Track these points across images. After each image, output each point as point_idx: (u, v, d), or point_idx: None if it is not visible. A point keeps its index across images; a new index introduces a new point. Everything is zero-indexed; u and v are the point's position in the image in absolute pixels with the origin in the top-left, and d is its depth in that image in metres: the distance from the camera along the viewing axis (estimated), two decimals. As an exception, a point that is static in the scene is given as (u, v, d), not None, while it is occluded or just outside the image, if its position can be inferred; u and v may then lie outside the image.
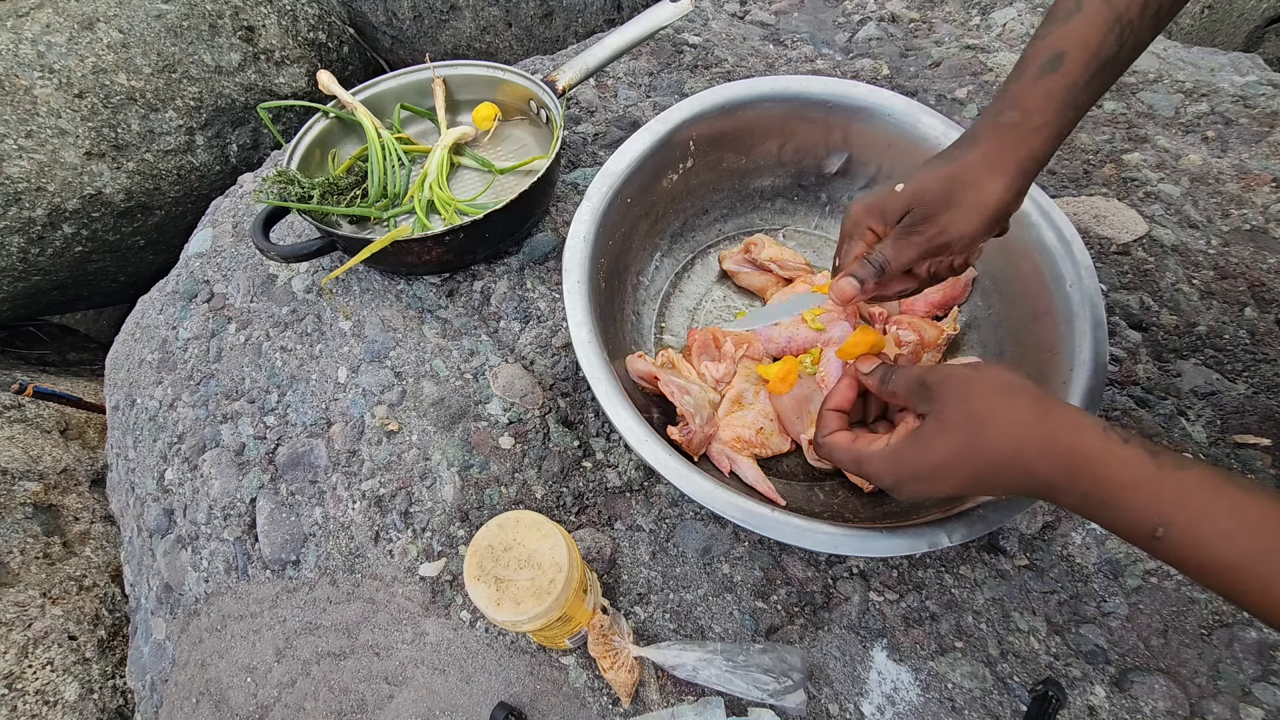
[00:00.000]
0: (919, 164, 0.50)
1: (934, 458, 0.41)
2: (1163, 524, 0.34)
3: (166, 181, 1.23)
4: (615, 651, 0.55)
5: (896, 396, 0.46)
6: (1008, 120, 0.46)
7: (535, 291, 0.81)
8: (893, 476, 0.43)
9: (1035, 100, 0.46)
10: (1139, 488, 0.35)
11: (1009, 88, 0.47)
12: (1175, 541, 0.34)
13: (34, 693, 0.80)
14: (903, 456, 0.43)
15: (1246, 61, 1.03)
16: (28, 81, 1.08)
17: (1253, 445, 0.66)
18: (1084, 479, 0.37)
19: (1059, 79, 0.45)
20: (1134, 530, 0.36)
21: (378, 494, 0.69)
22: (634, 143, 0.67)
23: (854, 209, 0.52)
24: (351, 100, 0.86)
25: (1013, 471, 0.39)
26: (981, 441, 0.39)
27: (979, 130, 0.48)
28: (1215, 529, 0.33)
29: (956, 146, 0.49)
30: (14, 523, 0.91)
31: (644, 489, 0.68)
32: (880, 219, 0.50)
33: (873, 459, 0.45)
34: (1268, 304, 0.76)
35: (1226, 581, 0.33)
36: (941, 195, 0.47)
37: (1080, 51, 0.45)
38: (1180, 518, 0.34)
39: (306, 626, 0.66)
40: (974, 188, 0.47)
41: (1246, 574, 0.32)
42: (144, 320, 0.93)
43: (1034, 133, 0.46)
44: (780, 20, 1.21)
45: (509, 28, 1.55)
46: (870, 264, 0.49)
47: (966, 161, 0.47)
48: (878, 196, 0.50)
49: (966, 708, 0.56)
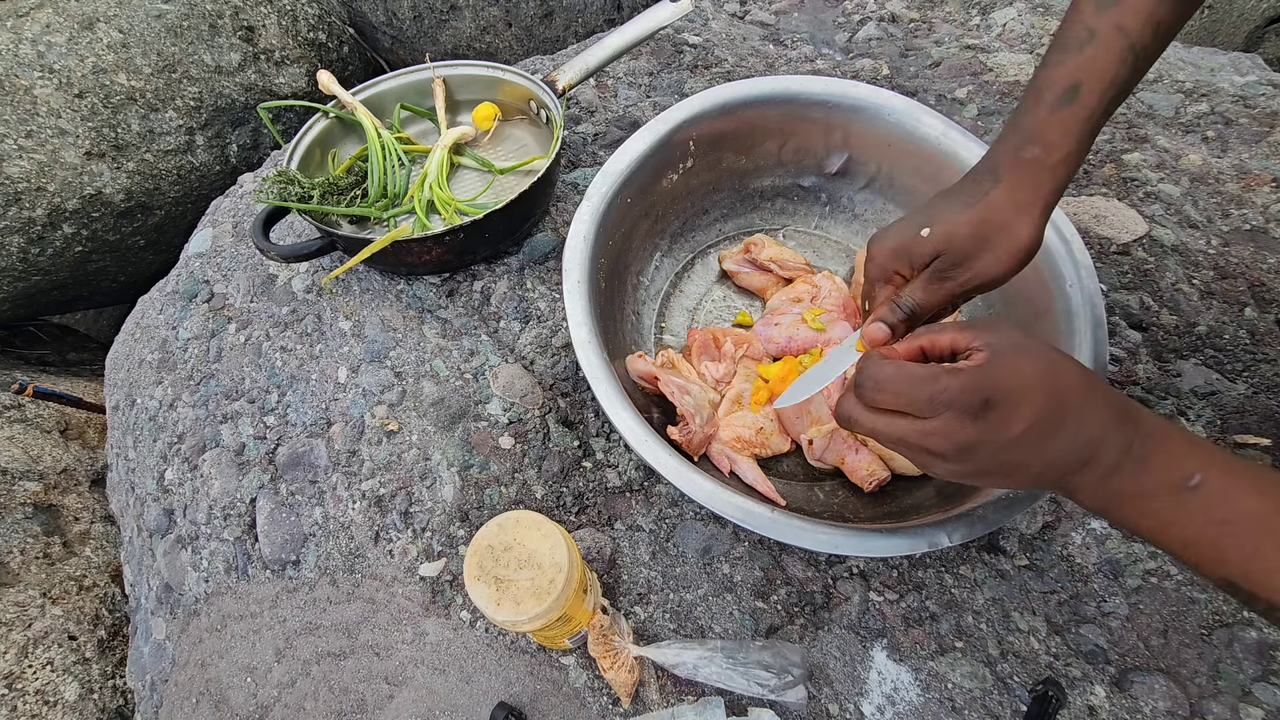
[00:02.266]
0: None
1: (1023, 371, 0.38)
2: (1200, 470, 0.35)
3: (166, 181, 1.23)
4: (615, 651, 0.55)
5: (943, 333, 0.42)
6: (1030, 156, 0.46)
7: (535, 291, 0.81)
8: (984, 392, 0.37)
9: (1055, 134, 0.45)
10: (1177, 438, 0.37)
11: (1025, 119, 0.47)
12: (1210, 489, 0.35)
13: (34, 693, 0.80)
14: (994, 368, 0.38)
15: (1246, 61, 1.03)
16: (28, 81, 1.08)
17: (1253, 445, 0.66)
18: (1130, 426, 0.37)
19: (1077, 111, 0.45)
20: (1169, 479, 0.36)
21: (378, 494, 0.69)
22: (634, 143, 0.67)
23: (879, 253, 0.51)
24: (351, 100, 0.86)
25: (1080, 404, 0.37)
26: (1057, 367, 0.39)
27: (1000, 165, 0.47)
28: (1245, 481, 0.35)
29: (977, 183, 0.48)
30: (14, 523, 0.91)
31: (644, 489, 0.68)
32: (907, 263, 0.50)
33: (961, 372, 0.38)
34: (1268, 304, 0.76)
35: (1254, 535, 0.34)
36: (973, 240, 0.47)
37: (1096, 82, 0.45)
38: (1215, 466, 0.35)
39: (306, 626, 0.66)
40: (1004, 231, 0.46)
41: (1269, 526, 0.34)
42: (144, 320, 0.93)
43: (1056, 168, 0.46)
44: (780, 20, 1.21)
45: (509, 28, 1.55)
46: (900, 309, 0.49)
47: (993, 202, 0.46)
48: (903, 240, 0.49)
49: (966, 708, 0.56)
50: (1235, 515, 0.34)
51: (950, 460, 0.40)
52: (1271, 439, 0.66)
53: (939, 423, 0.39)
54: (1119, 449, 0.37)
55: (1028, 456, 0.38)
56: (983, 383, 0.38)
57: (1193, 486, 0.35)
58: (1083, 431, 0.37)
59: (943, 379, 0.38)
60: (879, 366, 0.41)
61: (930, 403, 0.39)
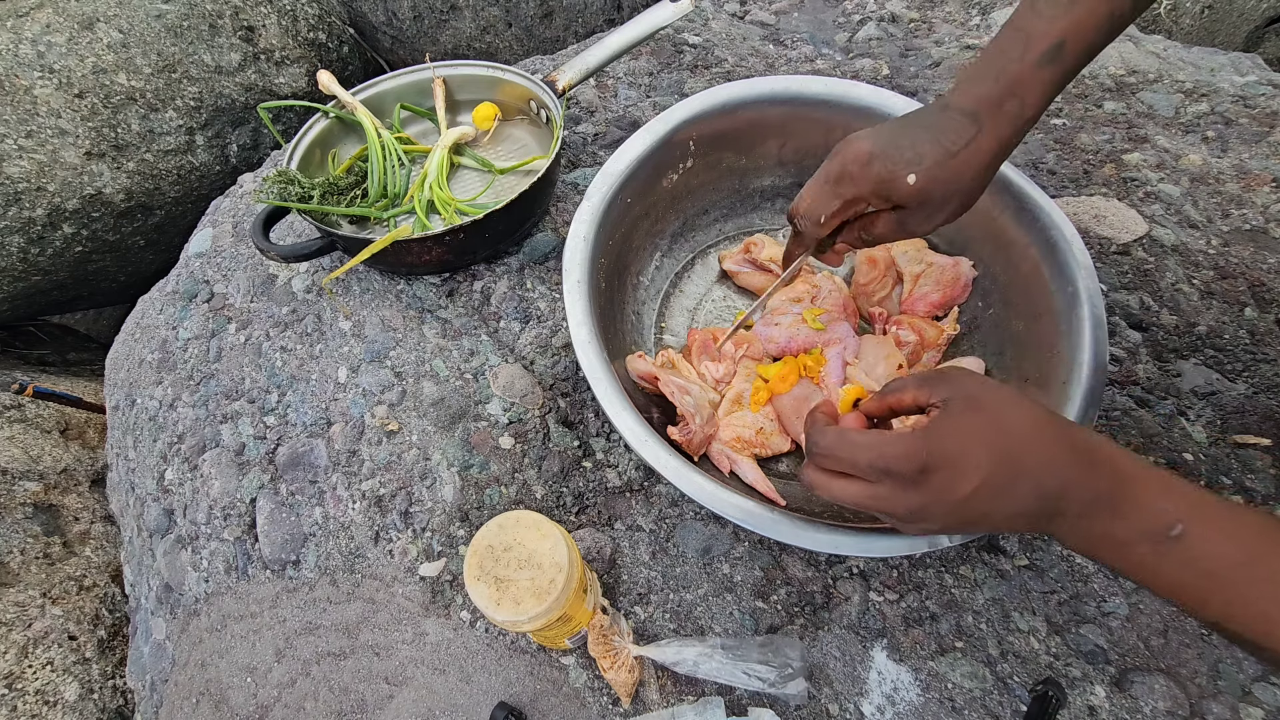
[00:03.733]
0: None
1: (968, 427, 0.38)
2: (1181, 520, 0.34)
3: (166, 181, 1.23)
4: (615, 651, 0.55)
5: (905, 391, 0.43)
6: (1010, 109, 0.46)
7: (535, 291, 0.81)
8: (919, 460, 0.37)
9: (1035, 91, 0.45)
10: (1153, 483, 0.35)
11: (1010, 68, 0.46)
12: (1192, 540, 0.34)
13: (34, 693, 0.80)
14: (935, 431, 0.38)
15: (1246, 61, 1.03)
16: (28, 81, 1.08)
17: (1253, 445, 0.66)
18: (1103, 472, 0.36)
19: (1057, 70, 0.45)
20: (1150, 528, 0.35)
21: (378, 494, 0.69)
22: (634, 143, 0.67)
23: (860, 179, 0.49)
24: (351, 100, 0.86)
25: (1035, 457, 0.37)
26: (1009, 419, 0.38)
27: (981, 112, 0.46)
28: (1227, 528, 0.33)
29: (958, 126, 0.46)
30: (14, 523, 0.91)
31: (644, 489, 0.68)
32: (881, 198, 0.49)
33: (900, 439, 0.39)
34: (1268, 304, 0.76)
35: (1238, 584, 0.33)
36: (948, 187, 0.47)
37: (1077, 43, 0.44)
38: (1195, 514, 0.34)
39: (306, 626, 0.66)
40: (974, 182, 0.47)
41: (1247, 576, 0.33)
42: (144, 320, 0.93)
43: (1027, 124, 0.46)
44: (780, 20, 1.21)
45: (509, 28, 1.55)
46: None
47: (976, 150, 0.46)
48: (885, 178, 0.48)
49: (966, 708, 0.56)
50: (1219, 567, 0.33)
51: (909, 521, 0.40)
52: (1271, 439, 0.66)
53: (885, 489, 0.39)
54: (1088, 498, 0.36)
55: (985, 512, 0.38)
56: (919, 450, 0.38)
57: (1174, 537, 0.34)
58: (1044, 484, 0.37)
59: (879, 446, 0.39)
60: (822, 434, 0.42)
61: (871, 469, 0.39)
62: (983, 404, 0.38)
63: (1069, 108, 0.98)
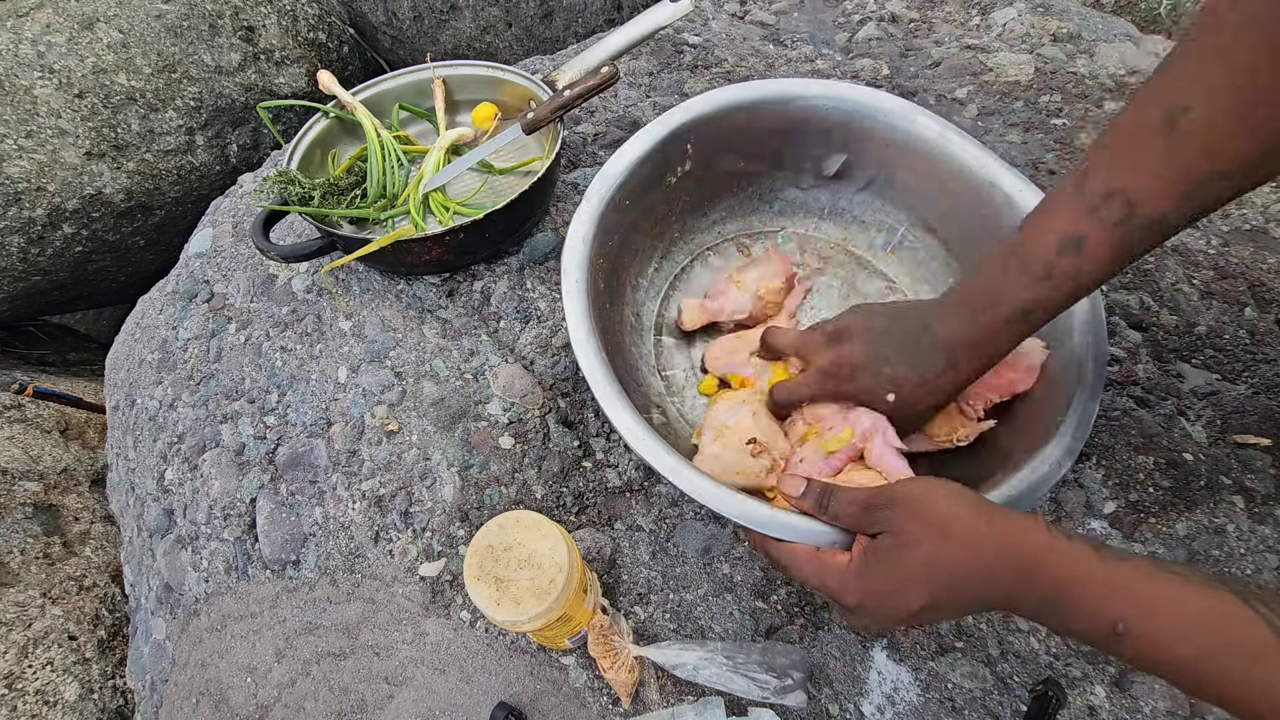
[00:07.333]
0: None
1: (901, 571, 0.40)
2: (1121, 619, 0.34)
3: (166, 181, 1.23)
4: (615, 651, 0.55)
5: (839, 519, 0.45)
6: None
7: (535, 291, 0.81)
8: (859, 593, 0.41)
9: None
10: (1091, 583, 0.36)
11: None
12: (1136, 636, 0.34)
13: (34, 693, 0.80)
14: (868, 571, 0.41)
15: (1246, 62, 1.03)
16: (28, 81, 1.08)
17: (1253, 445, 0.66)
18: (1042, 581, 0.37)
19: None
20: (1095, 629, 0.36)
21: (378, 494, 0.69)
22: (633, 144, 0.67)
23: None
24: (351, 100, 0.86)
25: (975, 578, 0.38)
26: (944, 552, 0.39)
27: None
28: (1168, 623, 0.34)
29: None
30: (14, 523, 0.91)
31: (644, 489, 0.68)
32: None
33: (838, 573, 0.43)
34: (1268, 304, 0.76)
35: (1188, 678, 0.34)
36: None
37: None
38: (1134, 611, 0.34)
39: (306, 626, 0.66)
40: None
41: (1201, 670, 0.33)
42: (144, 320, 0.93)
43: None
44: (780, 20, 1.21)
45: (509, 28, 1.56)
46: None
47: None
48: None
49: (966, 708, 0.56)
50: (1166, 658, 0.34)
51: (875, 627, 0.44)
52: (1271, 439, 0.66)
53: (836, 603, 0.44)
54: (1034, 604, 0.38)
55: (940, 618, 0.41)
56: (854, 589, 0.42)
57: (1119, 634, 0.35)
58: (990, 594, 0.39)
59: (820, 576, 0.44)
60: (789, 549, 0.47)
61: (820, 588, 0.44)
62: (918, 541, 0.40)
63: (1069, 108, 0.98)
